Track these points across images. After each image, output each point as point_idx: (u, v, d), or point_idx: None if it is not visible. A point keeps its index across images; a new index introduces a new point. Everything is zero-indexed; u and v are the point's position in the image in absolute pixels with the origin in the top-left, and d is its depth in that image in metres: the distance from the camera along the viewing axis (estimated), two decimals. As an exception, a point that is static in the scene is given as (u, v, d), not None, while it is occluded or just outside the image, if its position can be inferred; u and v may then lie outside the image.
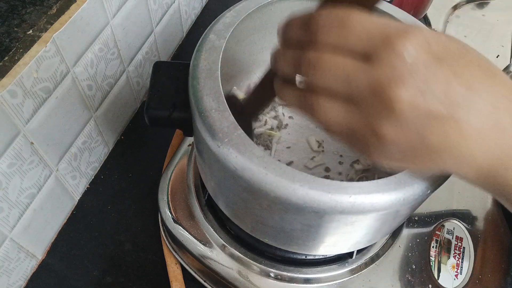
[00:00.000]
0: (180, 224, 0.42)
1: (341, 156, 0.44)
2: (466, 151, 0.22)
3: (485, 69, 0.22)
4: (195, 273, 0.44)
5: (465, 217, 0.45)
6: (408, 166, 0.24)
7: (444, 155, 0.22)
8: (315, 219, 0.28)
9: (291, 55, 0.24)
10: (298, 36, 0.23)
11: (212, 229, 0.42)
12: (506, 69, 0.59)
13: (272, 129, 0.45)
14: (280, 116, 0.46)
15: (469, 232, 0.44)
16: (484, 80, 0.21)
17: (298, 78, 0.24)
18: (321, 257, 0.41)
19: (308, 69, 0.22)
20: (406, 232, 0.43)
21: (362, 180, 0.36)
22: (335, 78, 0.22)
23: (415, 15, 0.62)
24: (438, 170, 0.24)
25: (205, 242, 0.41)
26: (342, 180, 0.35)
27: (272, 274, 0.40)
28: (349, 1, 0.22)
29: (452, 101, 0.20)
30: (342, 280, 0.40)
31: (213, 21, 0.35)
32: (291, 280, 0.40)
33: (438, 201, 0.46)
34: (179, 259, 0.44)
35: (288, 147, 0.44)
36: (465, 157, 0.22)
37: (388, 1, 0.40)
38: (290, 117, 0.46)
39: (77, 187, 0.49)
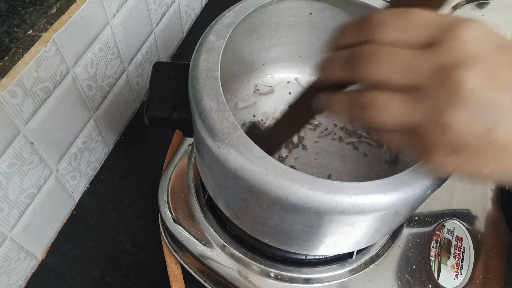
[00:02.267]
0: (180, 224, 0.42)
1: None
2: None
3: None
4: (195, 273, 0.44)
5: (465, 217, 0.45)
6: (473, 168, 0.22)
7: (510, 154, 0.20)
8: (315, 219, 0.28)
9: (342, 55, 0.22)
10: (353, 38, 0.22)
11: (212, 229, 0.42)
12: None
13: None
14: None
15: (469, 232, 0.44)
16: None
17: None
18: (321, 257, 0.41)
19: (362, 63, 0.21)
20: (406, 232, 0.43)
21: None
22: (393, 68, 0.20)
23: (415, 15, 0.62)
24: (503, 175, 0.22)
25: (205, 242, 0.41)
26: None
27: (272, 274, 0.40)
28: (414, 4, 0.22)
29: None
30: (342, 280, 0.40)
31: (213, 22, 0.35)
32: (291, 280, 0.40)
33: (438, 201, 0.46)
34: (179, 259, 0.44)
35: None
36: None
37: (388, 2, 0.40)
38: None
39: (77, 187, 0.49)
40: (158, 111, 0.33)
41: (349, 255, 0.41)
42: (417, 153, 0.23)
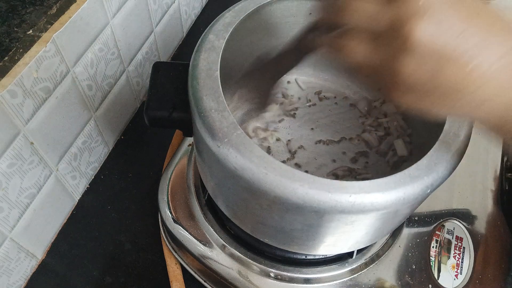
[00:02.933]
0: (180, 224, 0.42)
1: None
2: (480, 94, 0.22)
3: (504, 21, 0.22)
4: (195, 273, 0.44)
5: (465, 217, 0.45)
6: (423, 107, 0.25)
7: (455, 97, 0.23)
8: (315, 218, 0.28)
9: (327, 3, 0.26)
10: None
11: (212, 229, 0.42)
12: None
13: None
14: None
15: (469, 232, 0.44)
16: (502, 28, 0.22)
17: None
18: (321, 257, 0.41)
19: (338, 12, 0.25)
20: (406, 232, 0.43)
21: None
22: (360, 17, 0.24)
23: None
24: (453, 113, 0.25)
25: (205, 242, 0.41)
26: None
27: (272, 274, 0.40)
28: None
29: (467, 42, 0.21)
30: (342, 280, 0.40)
31: (213, 21, 0.35)
32: (291, 280, 0.40)
33: (438, 201, 0.46)
34: (179, 259, 0.44)
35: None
36: (478, 100, 0.23)
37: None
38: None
39: (77, 187, 0.49)
40: (158, 111, 0.33)
41: (349, 255, 0.41)
42: (382, 92, 0.26)
